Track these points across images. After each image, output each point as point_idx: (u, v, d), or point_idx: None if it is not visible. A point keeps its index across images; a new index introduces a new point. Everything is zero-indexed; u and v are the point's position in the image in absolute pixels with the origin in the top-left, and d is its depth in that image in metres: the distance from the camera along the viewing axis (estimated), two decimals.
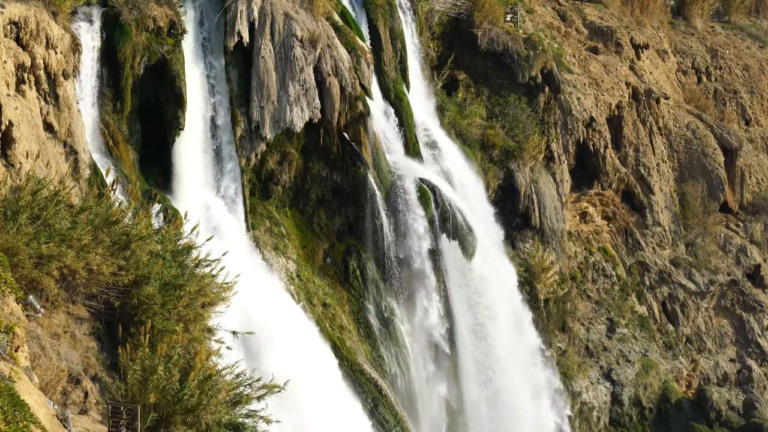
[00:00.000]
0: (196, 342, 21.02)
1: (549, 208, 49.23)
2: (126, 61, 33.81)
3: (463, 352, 42.88)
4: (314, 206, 40.23)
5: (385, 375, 39.07)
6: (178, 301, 20.87)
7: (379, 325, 40.12)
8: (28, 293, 18.86)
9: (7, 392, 14.27)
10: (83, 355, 19.85)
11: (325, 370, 35.51)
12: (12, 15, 27.95)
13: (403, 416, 38.45)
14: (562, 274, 50.38)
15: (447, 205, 41.95)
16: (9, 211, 19.74)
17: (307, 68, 37.99)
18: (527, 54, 49.19)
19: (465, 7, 49.63)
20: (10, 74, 27.35)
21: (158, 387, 18.44)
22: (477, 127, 48.20)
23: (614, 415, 51.53)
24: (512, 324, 45.30)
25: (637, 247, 55.76)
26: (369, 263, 40.25)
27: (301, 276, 38.54)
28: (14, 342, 16.15)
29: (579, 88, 53.38)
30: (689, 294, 56.06)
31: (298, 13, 38.43)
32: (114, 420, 17.74)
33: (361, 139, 39.73)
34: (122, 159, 33.84)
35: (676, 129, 60.02)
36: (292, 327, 35.01)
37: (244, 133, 37.39)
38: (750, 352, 56.86)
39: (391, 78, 43.62)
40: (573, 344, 51.25)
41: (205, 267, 22.70)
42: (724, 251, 58.31)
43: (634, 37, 60.49)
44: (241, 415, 20.08)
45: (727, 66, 67.12)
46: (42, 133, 28.39)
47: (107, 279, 20.66)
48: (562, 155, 51.35)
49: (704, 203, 58.52)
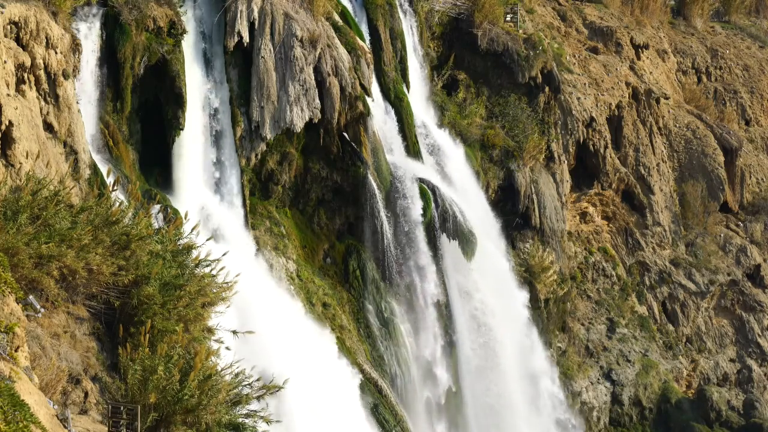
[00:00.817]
0: (196, 342, 21.02)
1: (549, 208, 49.23)
2: (126, 61, 33.81)
3: (463, 351, 42.87)
4: (314, 206, 40.23)
5: (385, 375, 39.07)
6: (178, 301, 20.88)
7: (379, 325, 40.12)
8: (28, 293, 18.86)
9: (7, 392, 14.27)
10: (83, 355, 19.85)
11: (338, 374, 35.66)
12: (12, 15, 27.95)
13: (403, 416, 38.45)
14: (562, 274, 50.38)
15: (447, 205, 41.95)
16: (9, 211, 19.74)
17: (307, 68, 37.99)
18: (527, 54, 49.20)
19: (465, 7, 49.62)
20: (10, 74, 27.34)
21: (158, 387, 18.44)
22: (477, 127, 48.20)
23: (614, 415, 51.52)
24: (512, 324, 45.32)
25: (637, 247, 55.76)
26: (369, 263, 40.25)
27: (301, 276, 38.54)
28: (14, 342, 16.15)
29: (579, 88, 53.37)
30: (689, 294, 56.06)
31: (298, 13, 38.43)
32: (114, 420, 17.74)
33: (361, 139, 39.73)
34: (122, 159, 33.84)
35: (676, 129, 60.02)
36: (291, 327, 35.02)
37: (244, 133, 37.39)
38: (750, 352, 56.85)
39: (391, 78, 43.62)
40: (573, 344, 51.25)
41: (205, 267, 22.71)
42: (724, 251, 58.30)
43: (634, 37, 60.49)
44: (241, 415, 20.08)
45: (727, 66, 67.11)
46: (42, 133, 28.38)
47: (107, 279, 20.65)
48: (562, 155, 51.36)
49: (704, 203, 58.52)
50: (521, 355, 45.73)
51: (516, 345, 45.36)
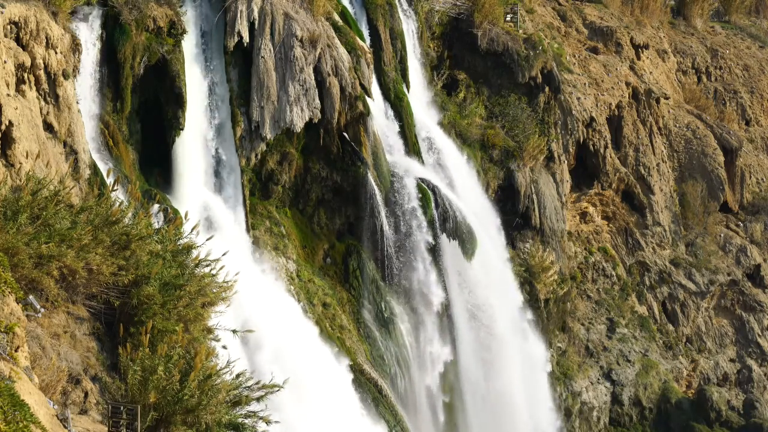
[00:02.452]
0: (196, 342, 21.02)
1: (549, 208, 49.22)
2: (126, 61, 33.82)
3: (463, 351, 42.88)
4: (314, 206, 40.22)
5: (385, 375, 39.07)
6: (178, 301, 20.87)
7: (379, 325, 40.12)
8: (28, 293, 18.86)
9: (7, 392, 14.27)
10: (83, 355, 19.85)
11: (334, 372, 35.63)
12: (12, 15, 27.95)
13: (402, 416, 38.45)
14: (562, 274, 50.37)
15: (447, 205, 41.94)
16: (9, 211, 19.74)
17: (307, 68, 37.99)
18: (527, 54, 49.20)
19: (465, 7, 49.62)
20: (10, 74, 27.34)
21: (158, 387, 18.44)
22: (477, 127, 48.20)
23: (614, 415, 51.53)
24: (512, 324, 45.32)
25: (637, 247, 55.76)
26: (369, 263, 40.24)
27: (301, 276, 38.54)
28: (14, 342, 16.15)
29: (579, 88, 53.38)
30: (689, 294, 56.06)
31: (298, 13, 38.43)
32: (114, 420, 17.74)
33: (361, 139, 39.72)
34: (122, 159, 33.84)
35: (676, 129, 60.03)
36: (291, 327, 35.03)
37: (244, 133, 37.39)
38: (750, 352, 56.86)
39: (391, 78, 43.62)
40: (573, 344, 51.25)
41: (205, 267, 22.70)
42: (724, 251, 58.31)
43: (634, 37, 60.50)
44: (240, 415, 20.08)
45: (727, 66, 67.12)
46: (42, 133, 28.38)
47: (107, 279, 20.65)
48: (562, 155, 51.36)
49: (704, 203, 58.52)
50: (521, 354, 45.72)
51: (516, 344, 45.35)
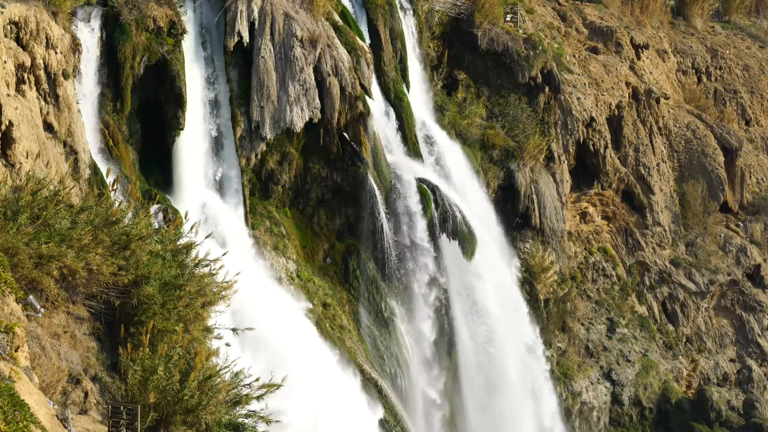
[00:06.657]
0: (196, 342, 21.01)
1: (549, 208, 49.22)
2: (126, 61, 33.82)
3: (463, 351, 42.87)
4: (314, 206, 40.23)
5: (385, 375, 39.07)
6: (178, 300, 20.85)
7: (379, 325, 40.12)
8: (28, 293, 18.85)
9: (7, 392, 14.27)
10: (83, 355, 19.84)
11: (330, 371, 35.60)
12: (12, 15, 27.95)
13: (402, 416, 38.45)
14: (562, 274, 50.37)
15: (447, 205, 41.94)
16: (9, 211, 19.72)
17: (307, 68, 38.00)
18: (527, 54, 49.19)
19: (465, 7, 49.61)
20: (10, 74, 27.35)
21: (158, 387, 18.43)
22: (477, 127, 48.19)
23: (614, 415, 51.53)
24: (512, 323, 45.32)
25: (637, 247, 55.76)
26: (369, 263, 40.25)
27: (301, 276, 38.55)
28: (14, 342, 16.14)
29: (579, 88, 53.38)
30: (689, 294, 56.06)
31: (298, 13, 38.43)
32: (114, 420, 17.73)
33: (361, 139, 39.73)
34: (122, 159, 33.85)
35: (676, 129, 60.02)
36: (291, 327, 35.03)
37: (244, 133, 37.40)
38: (750, 352, 56.86)
39: (391, 78, 43.62)
40: (573, 344, 51.25)
41: (205, 267, 22.69)
42: (724, 251, 58.31)
43: (634, 37, 60.50)
44: (241, 415, 20.07)
45: (727, 66, 67.11)
46: (42, 133, 28.39)
47: (107, 279, 20.63)
48: (562, 155, 51.36)
49: (704, 203, 58.52)
50: (521, 355, 45.73)
51: (516, 344, 45.35)
